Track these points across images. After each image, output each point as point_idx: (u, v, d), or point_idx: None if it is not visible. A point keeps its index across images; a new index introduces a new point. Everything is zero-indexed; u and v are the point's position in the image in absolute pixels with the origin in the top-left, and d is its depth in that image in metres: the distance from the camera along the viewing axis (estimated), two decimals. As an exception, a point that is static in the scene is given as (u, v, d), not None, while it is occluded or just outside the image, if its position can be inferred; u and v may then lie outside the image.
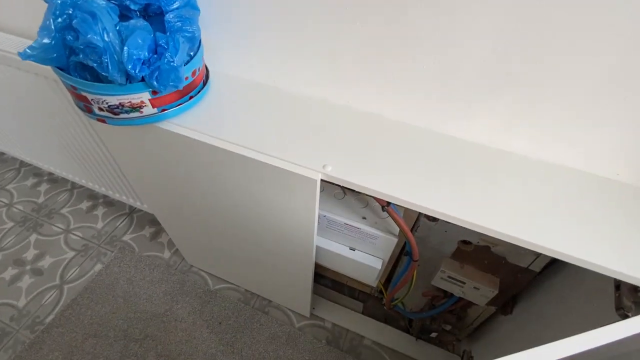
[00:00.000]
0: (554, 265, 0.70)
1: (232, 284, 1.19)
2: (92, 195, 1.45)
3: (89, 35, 0.44)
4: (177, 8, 0.56)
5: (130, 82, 0.50)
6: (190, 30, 0.56)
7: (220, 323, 1.09)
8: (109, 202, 1.42)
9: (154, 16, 0.58)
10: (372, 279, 0.80)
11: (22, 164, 1.57)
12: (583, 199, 0.53)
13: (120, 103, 0.52)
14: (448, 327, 0.95)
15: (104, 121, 0.56)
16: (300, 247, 0.73)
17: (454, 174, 0.55)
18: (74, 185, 1.48)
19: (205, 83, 0.64)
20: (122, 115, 0.55)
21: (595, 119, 0.51)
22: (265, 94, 0.67)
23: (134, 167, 0.77)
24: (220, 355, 1.03)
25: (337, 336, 1.07)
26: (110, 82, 0.49)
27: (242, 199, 0.68)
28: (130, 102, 0.53)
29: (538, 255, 0.65)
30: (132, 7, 0.54)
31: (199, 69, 0.59)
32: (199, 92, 0.62)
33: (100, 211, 1.40)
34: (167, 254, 1.27)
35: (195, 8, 0.60)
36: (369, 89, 0.62)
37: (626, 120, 0.49)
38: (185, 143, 0.60)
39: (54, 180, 1.50)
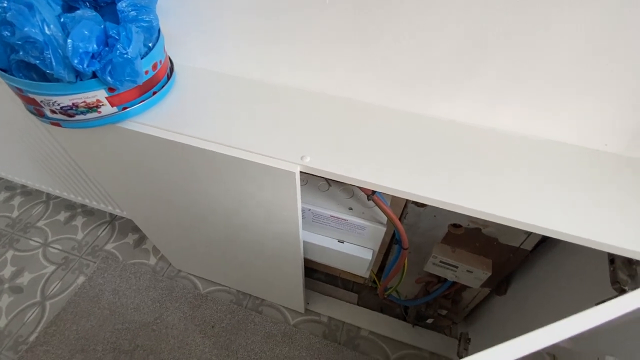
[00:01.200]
0: (546, 243, 0.69)
1: (222, 285, 1.15)
2: (69, 206, 1.38)
3: (26, 29, 0.39)
4: (129, -4, 0.51)
5: (81, 80, 0.45)
6: (147, 19, 0.52)
7: (213, 326, 1.06)
8: (88, 211, 1.36)
9: (105, 6, 0.53)
10: (363, 270, 0.78)
11: (-7, 178, 1.49)
12: (571, 172, 0.51)
13: (73, 104, 0.48)
14: (444, 312, 0.94)
15: (58, 125, 0.51)
16: (287, 243, 0.70)
17: (440, 157, 0.52)
18: (49, 197, 1.41)
19: (169, 77, 0.60)
20: (78, 117, 0.50)
21: (579, 90, 0.49)
22: (235, 85, 0.63)
23: (101, 171, 0.72)
24: (216, 359, 1.00)
25: (333, 330, 1.05)
26: (58, 80, 0.44)
27: (219, 199, 0.64)
28: (84, 101, 0.48)
29: (529, 234, 0.63)
30: (79, -4, 0.49)
31: (160, 62, 0.55)
32: (163, 86, 0.57)
33: (79, 221, 1.34)
34: (153, 260, 1.22)
35: (151, -5, 0.55)
36: (346, 73, 0.59)
37: (610, 90, 0.47)
38: (151, 142, 0.55)
39: (28, 192, 1.43)
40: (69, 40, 0.40)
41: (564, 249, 0.64)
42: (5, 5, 0.41)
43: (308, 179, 0.73)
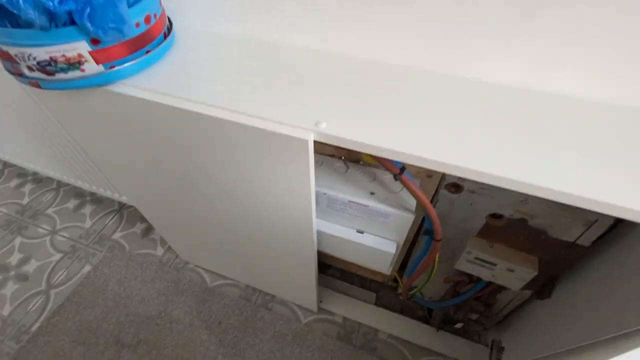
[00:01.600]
0: (608, 237, 0.58)
1: (231, 279, 1.08)
2: (79, 194, 1.35)
3: (-17, -46, 0.32)
4: None
5: (56, 26, 0.38)
6: (139, -36, 0.44)
7: (220, 323, 0.99)
8: (97, 200, 1.33)
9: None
10: (385, 266, 0.69)
11: (6, 164, 1.48)
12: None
13: (51, 57, 0.41)
14: (475, 316, 0.84)
15: (37, 85, 0.45)
16: (299, 233, 0.62)
17: (478, 124, 0.42)
18: (59, 184, 1.39)
19: (167, 36, 0.52)
20: (58, 76, 0.43)
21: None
22: (242, 47, 0.55)
23: (93, 144, 0.65)
24: (222, 358, 0.93)
25: (348, 331, 0.96)
26: (30, 26, 0.37)
27: (222, 176, 0.56)
28: (64, 55, 0.41)
29: (589, 225, 0.53)
30: None
31: (154, 15, 0.47)
32: (159, 45, 0.50)
33: (87, 209, 1.30)
34: (160, 251, 1.17)
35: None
36: (366, 29, 0.49)
37: None
38: (146, 108, 0.48)
39: (39, 180, 1.41)
40: (36, -30, 0.33)
41: (633, 245, 0.53)
42: None
43: (323, 160, 0.65)
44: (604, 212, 0.36)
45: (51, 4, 0.34)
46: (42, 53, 0.40)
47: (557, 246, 0.59)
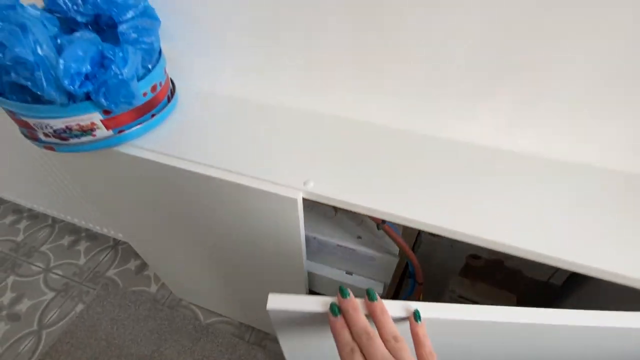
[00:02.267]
0: (578, 277, 0.62)
1: (224, 317, 1.09)
2: (74, 230, 1.36)
3: (17, 49, 0.37)
4: (131, 18, 0.50)
5: (74, 102, 0.43)
6: (148, 41, 0.50)
7: (212, 362, 0.99)
8: (92, 236, 1.34)
9: (107, 29, 0.52)
10: (374, 305, 0.72)
11: (2, 200, 1.49)
12: (602, 197, 0.46)
13: (67, 126, 0.46)
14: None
15: (52, 149, 0.49)
16: (291, 275, 0.65)
17: (455, 181, 0.48)
18: (55, 220, 1.40)
19: (170, 99, 0.58)
20: (72, 141, 0.48)
21: (609, 109, 0.44)
22: (239, 107, 0.61)
23: (98, 195, 0.70)
24: (214, 399, 0.92)
25: (342, 368, 0.96)
26: (50, 102, 0.42)
27: (219, 226, 0.60)
28: (78, 124, 0.46)
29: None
30: (80, 19, 0.48)
31: (160, 84, 0.53)
32: (163, 109, 0.55)
33: (82, 246, 1.31)
34: (154, 288, 1.18)
35: (154, 18, 0.54)
36: (352, 95, 0.56)
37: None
38: (149, 167, 0.53)
39: (34, 216, 1.42)
40: (60, 61, 0.39)
41: (600, 285, 0.57)
42: None
43: (312, 205, 0.69)
44: (562, 267, 0.41)
45: (72, 87, 0.40)
46: (59, 123, 0.45)
47: (532, 285, 0.63)
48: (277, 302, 0.33)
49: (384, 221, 0.54)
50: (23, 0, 0.45)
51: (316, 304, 0.32)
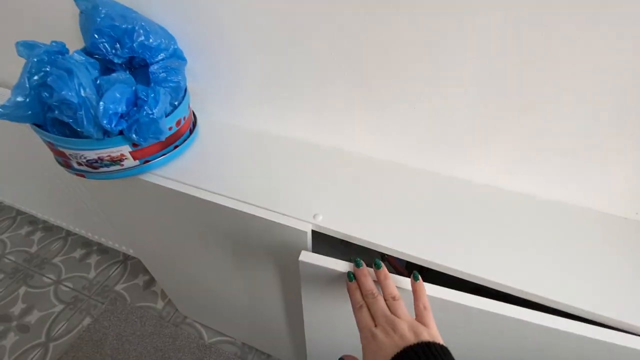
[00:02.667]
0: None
1: (228, 336, 1.10)
2: (86, 243, 1.40)
3: (63, 92, 0.42)
4: (162, 59, 0.55)
5: (108, 136, 0.48)
6: (175, 80, 0.55)
7: (214, 382, 1.00)
8: (103, 250, 1.38)
9: (139, 68, 0.57)
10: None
11: (19, 212, 1.54)
12: (600, 241, 0.48)
13: (99, 157, 0.50)
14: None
15: (82, 176, 0.53)
16: (296, 300, 0.67)
17: (457, 222, 0.51)
18: (68, 233, 1.44)
19: (192, 131, 0.62)
20: (101, 169, 0.52)
21: (607, 156, 0.47)
22: (255, 140, 0.65)
23: (120, 216, 0.74)
24: (214, 421, 0.93)
25: (342, 395, 0.96)
26: (87, 137, 0.47)
27: (230, 251, 0.63)
28: (109, 155, 0.50)
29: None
30: (116, 60, 0.53)
31: (184, 118, 0.58)
32: (185, 140, 0.60)
33: (93, 259, 1.35)
34: (160, 305, 1.20)
35: (182, 59, 0.59)
36: (362, 134, 0.59)
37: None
38: (170, 195, 0.57)
39: (49, 228, 1.47)
40: (100, 103, 0.43)
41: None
42: (47, 69, 0.45)
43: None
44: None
45: (109, 126, 0.44)
46: (92, 154, 0.50)
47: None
48: (308, 257, 0.46)
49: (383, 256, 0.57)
50: (69, 44, 0.50)
51: (337, 265, 0.44)
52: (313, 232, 0.51)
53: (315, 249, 0.61)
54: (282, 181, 0.57)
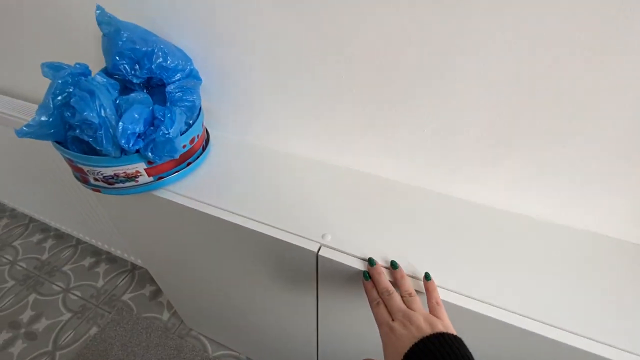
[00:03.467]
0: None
1: (232, 350, 1.10)
2: (95, 252, 1.42)
3: (85, 113, 0.44)
4: (178, 80, 0.57)
5: (125, 154, 0.49)
6: (191, 99, 0.57)
7: (217, 397, 0.99)
8: (112, 259, 1.40)
9: (156, 87, 0.59)
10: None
11: (32, 219, 1.58)
12: (612, 266, 0.48)
13: (115, 174, 0.52)
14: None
15: (98, 191, 0.55)
16: (303, 315, 0.67)
17: (462, 245, 0.51)
18: (78, 241, 1.47)
19: (204, 148, 0.64)
20: (117, 185, 0.54)
21: (615, 181, 0.47)
22: (265, 158, 0.66)
23: (130, 228, 0.75)
24: None
25: (346, 415, 0.95)
26: (105, 154, 0.49)
27: (239, 266, 0.64)
28: (125, 172, 0.52)
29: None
30: (135, 81, 0.55)
31: (197, 136, 0.59)
32: (198, 157, 0.61)
33: (102, 268, 1.37)
34: (166, 316, 1.20)
35: (197, 78, 0.61)
36: (370, 153, 0.60)
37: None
38: (181, 210, 0.58)
39: (60, 236, 1.50)
40: (120, 123, 0.45)
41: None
42: (70, 90, 0.47)
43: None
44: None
45: (127, 145, 0.46)
46: (109, 171, 0.51)
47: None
48: (327, 253, 0.49)
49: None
50: (90, 63, 0.52)
51: (354, 262, 0.47)
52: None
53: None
54: (291, 200, 0.57)
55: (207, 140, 0.66)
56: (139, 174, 0.53)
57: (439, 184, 0.59)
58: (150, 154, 0.49)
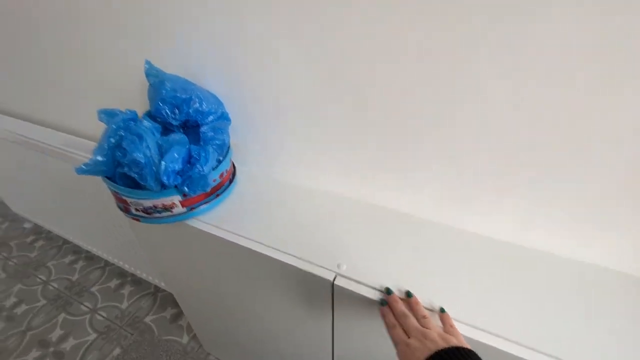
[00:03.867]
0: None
1: (248, 376, 1.11)
2: (121, 273, 1.49)
3: (134, 154, 0.51)
4: (211, 121, 0.65)
5: (164, 189, 0.56)
6: (221, 138, 0.64)
7: None
8: (137, 281, 1.46)
9: (191, 128, 0.67)
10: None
11: (65, 241, 1.68)
12: (620, 302, 0.49)
13: (154, 205, 0.58)
14: None
15: (138, 220, 0.61)
16: (319, 353, 0.70)
17: (471, 276, 0.53)
18: (107, 263, 1.55)
19: (232, 181, 0.70)
20: (154, 215, 0.60)
21: (623, 217, 0.49)
22: (286, 190, 0.72)
23: (159, 253, 0.81)
24: None
25: None
26: (147, 189, 0.55)
27: (260, 293, 0.68)
28: (162, 204, 0.58)
29: None
30: (174, 123, 0.63)
31: (226, 171, 0.66)
32: (226, 189, 0.67)
33: (127, 289, 1.43)
34: (185, 339, 1.24)
35: (227, 119, 0.69)
36: (387, 187, 0.65)
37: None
38: (208, 238, 0.63)
39: (90, 257, 1.58)
40: (162, 162, 0.52)
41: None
42: (122, 134, 0.55)
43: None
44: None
45: (168, 182, 0.52)
46: (149, 203, 0.58)
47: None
48: (343, 282, 0.53)
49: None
50: (135, 106, 0.60)
51: (370, 293, 0.51)
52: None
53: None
54: (310, 230, 0.62)
55: (234, 174, 0.73)
56: (174, 206, 0.60)
57: (454, 218, 0.62)
58: (186, 188, 0.55)
